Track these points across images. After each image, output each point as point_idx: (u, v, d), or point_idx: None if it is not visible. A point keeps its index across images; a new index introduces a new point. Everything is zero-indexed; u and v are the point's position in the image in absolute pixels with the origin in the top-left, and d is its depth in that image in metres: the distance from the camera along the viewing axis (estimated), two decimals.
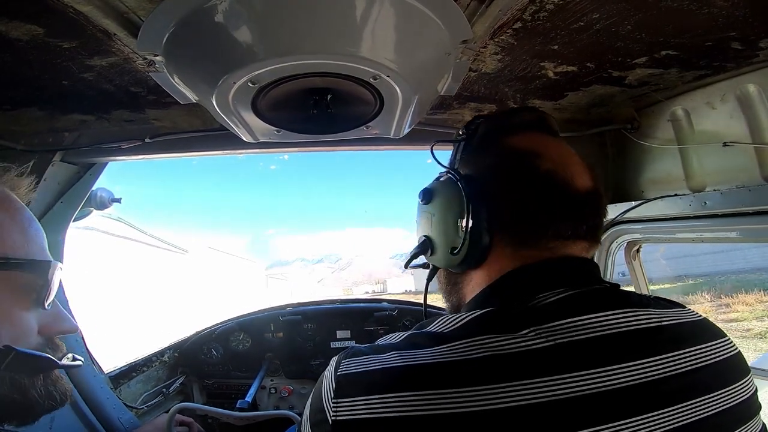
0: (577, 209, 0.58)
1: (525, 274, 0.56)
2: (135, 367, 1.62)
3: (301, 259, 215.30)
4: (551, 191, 0.57)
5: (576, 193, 0.57)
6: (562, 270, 0.56)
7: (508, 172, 0.60)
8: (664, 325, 0.52)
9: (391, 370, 0.47)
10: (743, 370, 0.54)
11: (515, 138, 0.63)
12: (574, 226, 0.57)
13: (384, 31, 0.68)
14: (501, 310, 0.52)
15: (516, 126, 0.65)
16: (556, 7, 0.73)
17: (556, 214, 0.57)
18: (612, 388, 0.45)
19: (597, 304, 0.51)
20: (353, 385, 0.48)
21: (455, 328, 0.50)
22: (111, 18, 0.66)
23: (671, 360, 0.49)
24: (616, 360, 0.47)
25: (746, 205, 1.02)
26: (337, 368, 0.51)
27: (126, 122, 1.18)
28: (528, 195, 0.57)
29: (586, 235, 0.58)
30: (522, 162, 0.59)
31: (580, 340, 0.47)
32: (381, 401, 0.45)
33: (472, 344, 0.47)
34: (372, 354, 0.51)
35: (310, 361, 1.88)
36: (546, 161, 0.59)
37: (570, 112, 1.29)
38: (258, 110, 0.83)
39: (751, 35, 0.83)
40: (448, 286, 0.67)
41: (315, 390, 0.53)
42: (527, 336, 0.47)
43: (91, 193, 1.33)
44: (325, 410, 0.49)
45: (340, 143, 1.18)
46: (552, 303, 0.51)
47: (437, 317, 0.54)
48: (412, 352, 0.48)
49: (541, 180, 0.57)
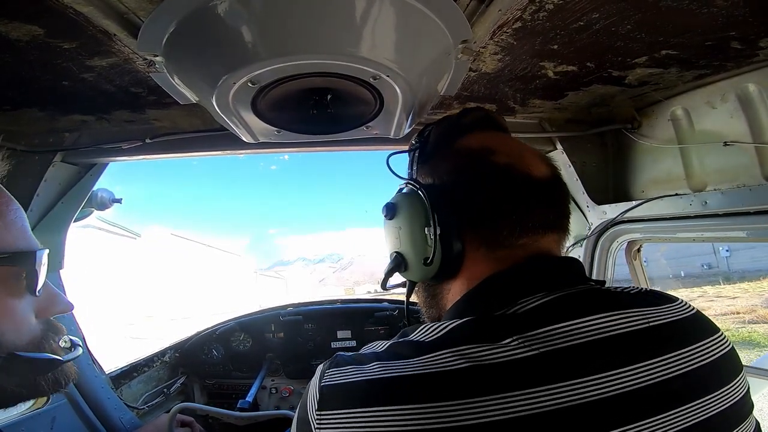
0: (541, 199, 0.58)
1: (503, 278, 0.54)
2: (136, 367, 1.62)
3: (303, 259, 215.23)
4: (512, 184, 0.57)
5: (537, 183, 0.58)
6: (541, 272, 0.55)
7: (467, 173, 0.59)
8: (654, 326, 0.50)
9: (373, 382, 0.46)
10: (737, 368, 0.52)
11: (467, 139, 0.63)
12: (542, 217, 0.57)
13: (384, 31, 0.68)
14: (481, 318, 0.50)
15: (465, 127, 0.65)
16: (555, 7, 0.73)
17: (522, 207, 0.56)
18: (600, 398, 0.43)
19: (581, 308, 0.49)
20: (336, 397, 0.48)
21: (435, 338, 0.49)
22: (111, 18, 0.66)
23: (664, 363, 0.47)
24: (604, 367, 0.45)
25: (747, 204, 1.02)
26: (321, 378, 0.50)
27: (126, 122, 1.18)
28: (490, 192, 0.57)
29: (555, 225, 0.58)
30: (479, 160, 0.59)
31: (565, 347, 0.45)
32: (363, 415, 0.44)
33: (454, 354, 0.45)
34: (355, 364, 0.50)
35: (311, 361, 1.88)
36: (502, 156, 0.59)
37: (570, 111, 1.29)
38: (258, 110, 0.83)
39: (750, 35, 0.83)
40: (428, 299, 0.66)
41: (301, 400, 0.53)
42: (510, 345, 0.45)
43: (92, 194, 1.33)
44: (310, 422, 0.48)
45: (340, 143, 1.18)
46: (534, 309, 0.49)
47: (420, 324, 0.53)
48: (393, 363, 0.47)
49: (500, 174, 0.57)
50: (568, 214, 0.61)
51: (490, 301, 0.53)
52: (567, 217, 0.61)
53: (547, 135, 1.34)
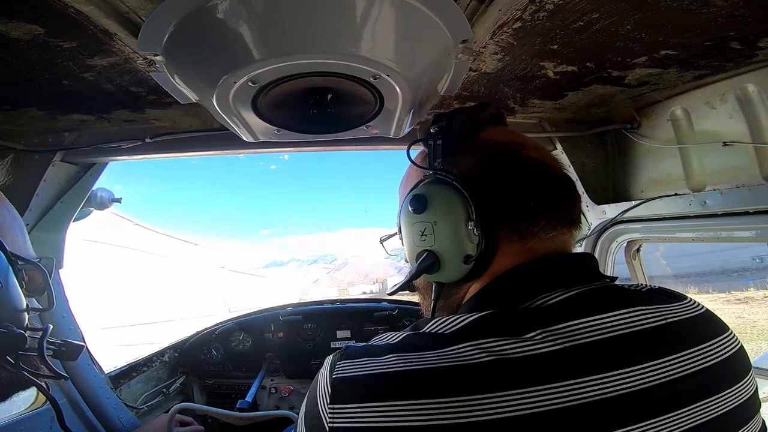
0: (566, 194, 0.59)
1: (523, 273, 0.54)
2: (135, 367, 1.62)
3: (296, 260, 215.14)
4: (544, 179, 0.58)
5: (562, 179, 0.60)
6: (560, 267, 0.55)
7: (501, 166, 0.59)
8: (669, 323, 0.50)
9: (391, 374, 0.45)
10: (746, 367, 0.53)
11: (491, 132, 0.63)
12: (567, 212, 0.58)
13: (384, 31, 0.68)
14: (503, 312, 0.49)
15: (486, 121, 0.65)
16: (555, 7, 0.73)
17: (554, 202, 0.57)
18: (624, 392, 0.44)
19: (602, 304, 0.49)
20: (350, 391, 0.46)
21: (454, 330, 0.48)
22: (111, 18, 0.66)
23: (680, 360, 0.47)
24: (627, 363, 0.45)
25: (746, 204, 1.02)
26: (332, 370, 0.48)
27: (126, 122, 1.18)
28: (527, 186, 0.57)
29: (574, 220, 0.59)
30: (512, 154, 0.59)
31: (589, 342, 0.46)
32: (382, 409, 0.43)
33: (476, 347, 0.44)
34: (369, 356, 0.48)
35: (310, 361, 1.88)
36: (531, 150, 0.60)
37: (570, 112, 1.30)
38: (258, 110, 0.83)
39: (750, 35, 0.83)
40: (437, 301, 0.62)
41: (310, 392, 0.51)
42: (534, 339, 0.45)
43: (91, 193, 1.33)
44: (321, 416, 0.46)
45: (340, 143, 1.18)
46: (556, 304, 0.49)
47: (433, 318, 0.52)
48: (411, 355, 0.45)
49: (535, 168, 0.58)
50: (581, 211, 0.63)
51: (511, 296, 0.52)
52: (581, 213, 0.62)
53: (547, 135, 1.34)
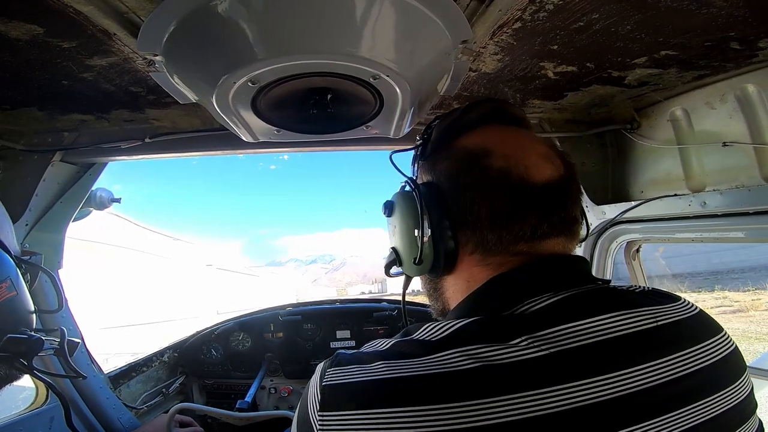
0: (539, 205, 0.54)
1: (507, 280, 0.54)
2: (135, 367, 1.62)
3: (295, 260, 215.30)
4: (506, 191, 0.54)
5: (533, 188, 0.54)
6: (548, 271, 0.54)
7: (460, 176, 0.58)
8: (661, 325, 0.50)
9: (379, 382, 0.45)
10: (741, 367, 0.53)
11: (467, 137, 0.61)
12: (538, 224, 0.54)
13: (384, 31, 0.68)
14: (489, 318, 0.49)
15: (469, 124, 0.63)
16: (555, 7, 0.73)
17: (516, 215, 0.54)
18: (613, 397, 0.43)
19: (590, 308, 0.49)
20: (340, 398, 0.46)
21: (441, 337, 0.48)
22: (111, 18, 0.66)
23: (671, 363, 0.47)
24: (615, 367, 0.45)
25: (746, 205, 1.02)
26: (323, 378, 0.48)
27: (126, 122, 1.18)
28: (484, 199, 0.55)
29: (561, 230, 0.56)
30: (473, 164, 0.57)
31: (576, 347, 0.45)
32: (371, 416, 0.43)
33: (463, 354, 0.44)
34: (358, 363, 0.48)
35: (310, 361, 1.88)
36: (497, 159, 0.56)
37: (570, 112, 1.30)
38: (258, 110, 0.83)
39: (750, 35, 0.83)
40: (431, 291, 0.66)
41: (301, 400, 0.51)
42: (520, 345, 0.45)
43: (91, 193, 1.33)
44: (311, 422, 0.46)
45: (339, 143, 1.18)
46: (542, 309, 0.49)
47: (423, 323, 0.52)
48: (400, 362, 0.46)
49: (494, 181, 0.55)
50: (575, 217, 0.58)
51: (496, 302, 0.52)
52: (572, 221, 0.58)
53: (547, 135, 1.34)
